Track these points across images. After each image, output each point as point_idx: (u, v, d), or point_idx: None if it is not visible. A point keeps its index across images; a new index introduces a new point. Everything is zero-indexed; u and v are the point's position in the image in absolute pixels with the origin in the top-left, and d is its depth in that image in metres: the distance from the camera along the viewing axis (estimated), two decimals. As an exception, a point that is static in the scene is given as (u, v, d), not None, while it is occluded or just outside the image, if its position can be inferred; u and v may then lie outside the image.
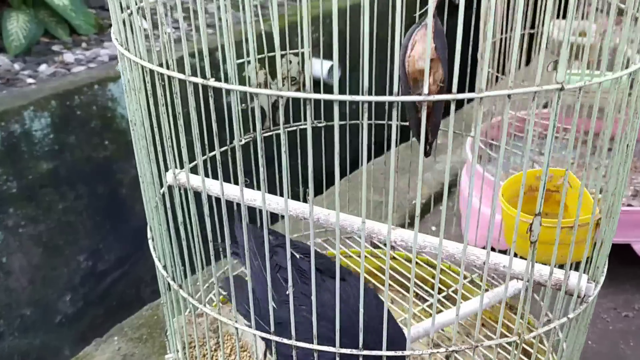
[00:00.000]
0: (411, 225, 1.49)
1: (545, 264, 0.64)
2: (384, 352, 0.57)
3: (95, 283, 2.04)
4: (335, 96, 0.44)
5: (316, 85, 1.14)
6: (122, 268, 2.14)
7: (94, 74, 2.03)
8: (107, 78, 1.98)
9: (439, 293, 1.05)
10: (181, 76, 0.52)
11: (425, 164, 1.90)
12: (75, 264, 1.97)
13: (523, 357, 0.97)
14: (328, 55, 1.36)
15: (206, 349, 0.87)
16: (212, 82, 0.49)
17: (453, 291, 1.03)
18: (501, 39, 1.26)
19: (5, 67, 2.07)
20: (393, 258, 1.13)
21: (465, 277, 1.09)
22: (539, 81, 0.45)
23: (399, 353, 0.58)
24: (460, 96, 0.44)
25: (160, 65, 0.56)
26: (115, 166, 2.02)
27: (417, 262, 1.12)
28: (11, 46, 1.94)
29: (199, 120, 0.54)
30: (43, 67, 2.14)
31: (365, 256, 1.16)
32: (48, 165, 1.82)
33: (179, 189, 0.68)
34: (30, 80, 2.06)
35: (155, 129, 0.64)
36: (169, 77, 0.55)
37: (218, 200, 0.60)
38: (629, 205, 1.36)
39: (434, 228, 1.56)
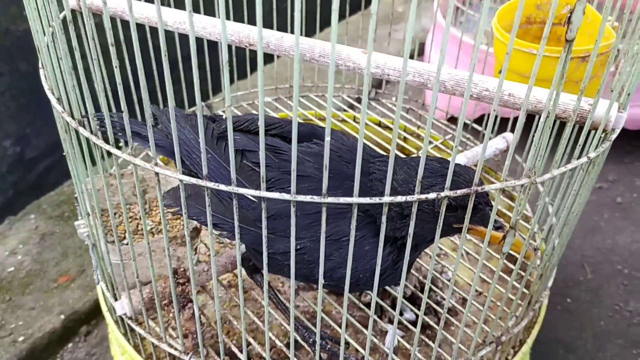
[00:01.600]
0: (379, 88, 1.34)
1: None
2: (355, 199, 0.43)
3: (24, 171, 1.90)
4: None
5: None
6: (54, 155, 1.99)
7: None
8: None
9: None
10: None
11: (383, 34, 1.71)
12: (1, 150, 1.79)
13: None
14: None
15: (130, 214, 0.71)
16: None
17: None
18: None
19: None
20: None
21: (436, 140, 0.95)
22: None
23: (376, 200, 0.43)
24: None
25: None
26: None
27: (386, 126, 0.97)
28: None
29: None
30: None
31: (324, 119, 1.00)
32: (-41, 38, 1.59)
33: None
34: None
35: None
36: None
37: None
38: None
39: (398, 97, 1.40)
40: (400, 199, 0.44)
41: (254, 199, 0.53)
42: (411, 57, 1.71)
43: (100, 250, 0.62)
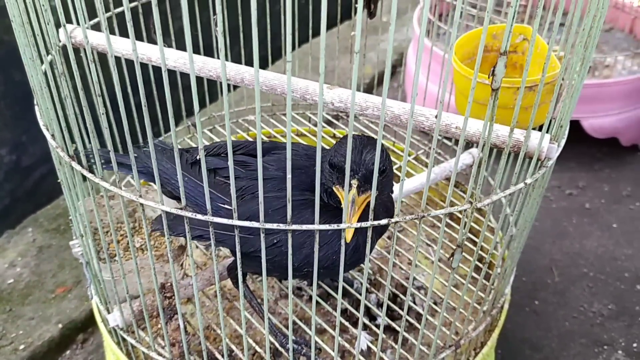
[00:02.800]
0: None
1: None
2: (316, 226, 0.49)
3: (21, 178, 1.94)
4: None
5: None
6: (50, 163, 2.03)
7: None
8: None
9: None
10: None
11: (369, 44, 1.77)
12: None
13: (470, 235, 0.92)
14: None
15: (119, 235, 0.77)
16: None
17: (397, 168, 0.95)
18: None
19: None
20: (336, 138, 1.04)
21: (410, 154, 1.01)
22: None
23: (334, 227, 0.49)
24: None
25: None
26: (32, 50, 1.87)
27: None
28: None
29: None
30: None
31: (305, 135, 1.06)
32: (-47, 47, 1.62)
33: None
34: None
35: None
36: None
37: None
38: (581, 80, 1.30)
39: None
40: (359, 224, 0.50)
41: (229, 207, 0.60)
42: (393, 67, 1.77)
43: (94, 267, 0.67)
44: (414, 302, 0.82)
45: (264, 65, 1.15)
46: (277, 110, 1.10)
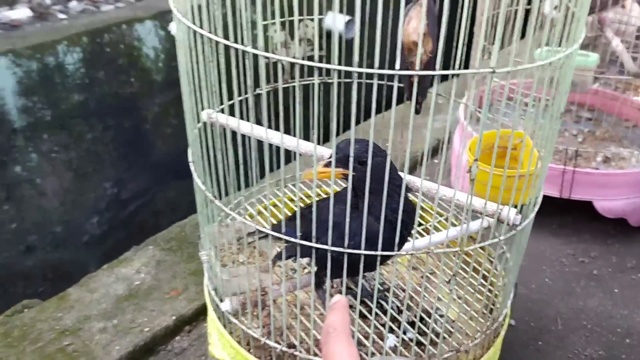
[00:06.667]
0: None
1: (496, 203, 0.86)
2: (362, 252, 0.80)
3: (119, 209, 2.26)
4: (335, 66, 0.65)
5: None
6: (144, 198, 2.34)
7: (121, 14, 2.15)
8: (134, 19, 2.10)
9: (418, 226, 1.28)
10: (226, 42, 0.73)
11: (423, 122, 2.09)
12: (102, 190, 2.16)
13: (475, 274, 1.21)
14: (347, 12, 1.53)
15: (230, 252, 1.11)
16: (249, 49, 0.70)
17: (430, 225, 1.26)
18: (496, 14, 1.45)
19: (37, 1, 2.13)
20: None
21: (441, 215, 1.32)
22: (495, 63, 0.67)
23: (373, 252, 0.81)
24: (443, 72, 0.66)
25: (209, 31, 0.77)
26: (139, 103, 2.18)
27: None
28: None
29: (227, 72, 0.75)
30: (73, 4, 2.22)
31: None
32: (79, 97, 1.97)
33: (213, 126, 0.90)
34: (61, 16, 2.14)
35: (195, 77, 0.85)
36: (216, 41, 0.75)
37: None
38: (596, 168, 1.57)
39: (427, 178, 1.77)
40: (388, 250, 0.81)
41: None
42: (442, 143, 2.07)
43: (215, 269, 1.02)
44: (435, 324, 1.11)
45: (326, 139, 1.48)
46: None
